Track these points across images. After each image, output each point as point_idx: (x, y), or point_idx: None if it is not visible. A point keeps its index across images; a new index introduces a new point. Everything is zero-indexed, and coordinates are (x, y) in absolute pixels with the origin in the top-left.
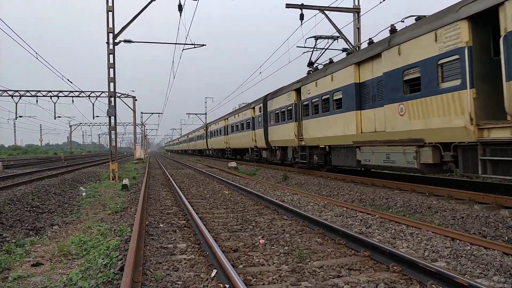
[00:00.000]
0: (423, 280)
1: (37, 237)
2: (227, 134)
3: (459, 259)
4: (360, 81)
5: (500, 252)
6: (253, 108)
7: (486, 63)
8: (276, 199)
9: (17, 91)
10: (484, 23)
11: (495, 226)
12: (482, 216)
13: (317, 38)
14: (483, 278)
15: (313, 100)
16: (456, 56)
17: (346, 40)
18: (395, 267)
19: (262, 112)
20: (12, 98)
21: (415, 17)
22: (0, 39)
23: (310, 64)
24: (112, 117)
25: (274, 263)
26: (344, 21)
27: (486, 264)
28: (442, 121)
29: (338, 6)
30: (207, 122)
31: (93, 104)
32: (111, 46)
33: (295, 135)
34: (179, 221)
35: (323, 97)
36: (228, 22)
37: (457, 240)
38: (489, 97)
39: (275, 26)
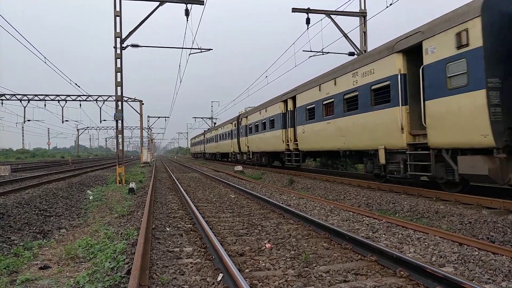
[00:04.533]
0: (431, 286)
1: (44, 240)
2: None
3: (467, 265)
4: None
5: (508, 257)
6: None
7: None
8: (282, 203)
9: (25, 95)
10: None
11: (504, 231)
12: (490, 221)
13: None
14: (491, 284)
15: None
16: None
17: (353, 44)
18: (402, 272)
19: None
20: (20, 102)
21: None
22: (10, 43)
23: None
24: (119, 121)
25: (280, 267)
26: (351, 25)
27: (494, 270)
28: None
29: (344, 10)
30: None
31: (100, 108)
32: (118, 51)
33: None
34: (185, 225)
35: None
36: (234, 23)
37: (465, 245)
38: None
39: (282, 27)
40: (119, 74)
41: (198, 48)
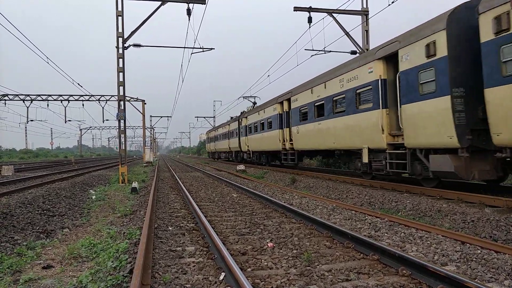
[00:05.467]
0: (433, 284)
1: (47, 240)
2: None
3: (469, 263)
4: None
5: (511, 256)
6: None
7: None
8: (284, 202)
9: (28, 95)
10: None
11: (506, 230)
12: (493, 220)
13: None
14: (494, 283)
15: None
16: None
17: (355, 43)
18: (404, 271)
19: None
20: (23, 102)
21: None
22: (11, 43)
23: None
24: (122, 121)
25: (282, 266)
26: (353, 23)
27: (497, 268)
28: None
29: (346, 9)
30: None
31: (103, 108)
32: (120, 51)
33: None
34: (187, 224)
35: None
36: (236, 22)
37: (468, 244)
38: None
39: (283, 26)
40: (121, 74)
41: (200, 48)
